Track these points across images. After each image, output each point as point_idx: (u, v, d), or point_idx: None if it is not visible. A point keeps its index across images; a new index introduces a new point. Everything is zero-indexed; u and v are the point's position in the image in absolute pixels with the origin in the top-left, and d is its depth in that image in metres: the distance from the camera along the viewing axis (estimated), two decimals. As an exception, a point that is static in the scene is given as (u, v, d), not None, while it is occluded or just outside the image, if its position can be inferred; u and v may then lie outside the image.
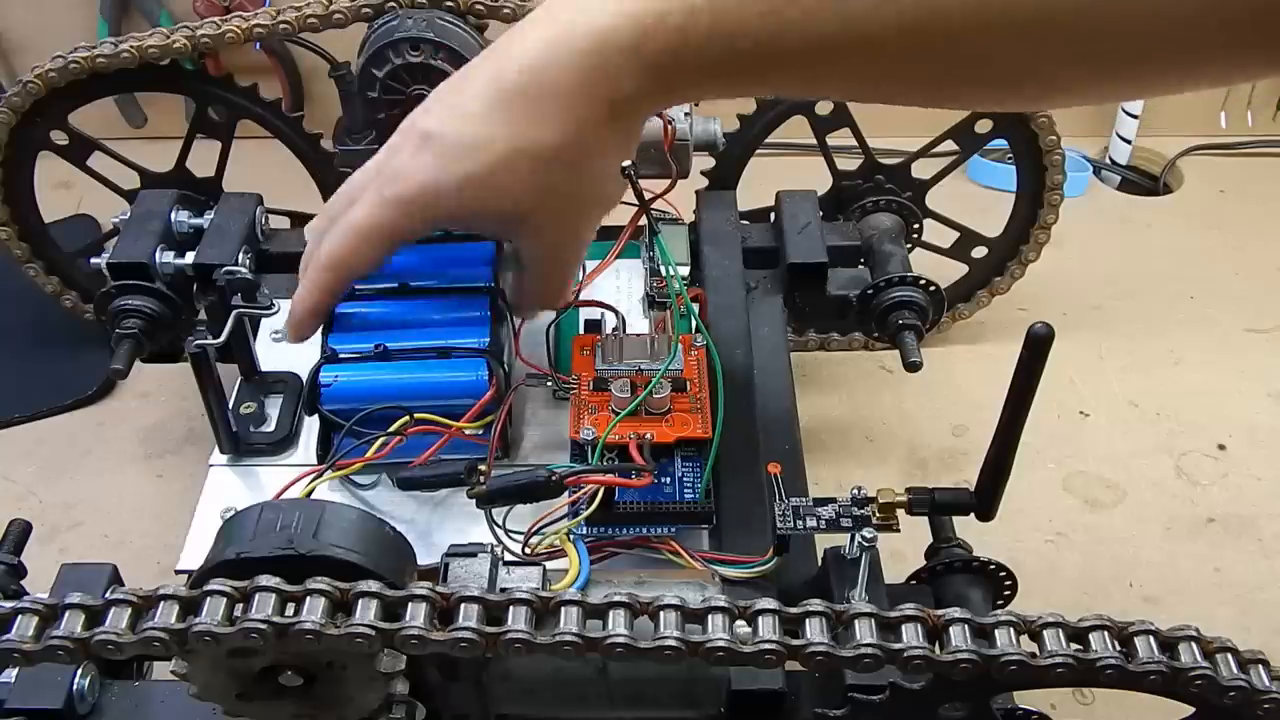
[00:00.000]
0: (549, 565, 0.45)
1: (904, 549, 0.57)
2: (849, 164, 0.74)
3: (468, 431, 0.53)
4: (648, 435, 0.52)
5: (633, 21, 0.41)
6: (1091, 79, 0.40)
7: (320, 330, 0.53)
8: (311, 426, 0.58)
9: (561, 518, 0.49)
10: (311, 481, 0.53)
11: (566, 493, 0.49)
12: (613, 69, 0.42)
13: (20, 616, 0.38)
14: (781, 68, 0.42)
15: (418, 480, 0.52)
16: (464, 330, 0.54)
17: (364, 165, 0.50)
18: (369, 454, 0.53)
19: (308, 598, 0.37)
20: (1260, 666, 0.39)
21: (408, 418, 0.52)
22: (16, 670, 0.46)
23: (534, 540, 0.48)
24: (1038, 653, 0.38)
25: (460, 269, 0.56)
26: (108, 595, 0.38)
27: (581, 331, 0.61)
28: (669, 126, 0.61)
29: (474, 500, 0.49)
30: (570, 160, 0.45)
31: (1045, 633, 0.39)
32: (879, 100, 0.45)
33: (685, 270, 0.63)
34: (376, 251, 0.48)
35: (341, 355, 0.54)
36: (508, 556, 0.47)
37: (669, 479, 0.53)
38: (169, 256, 0.64)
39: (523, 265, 0.53)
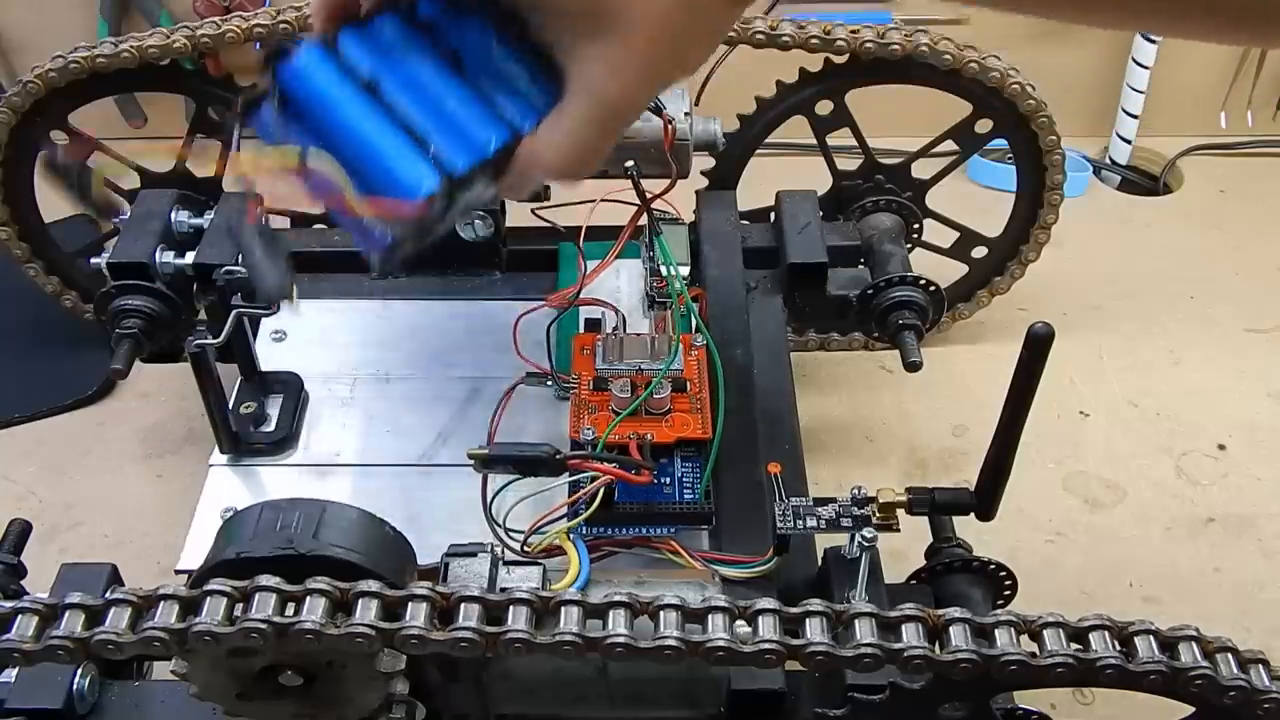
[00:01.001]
0: (549, 565, 0.45)
1: (904, 549, 0.57)
2: (849, 164, 0.74)
3: (360, 210, 0.44)
4: (648, 435, 0.52)
5: None
6: None
7: None
8: (312, 423, 0.57)
9: (561, 518, 0.49)
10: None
11: (566, 483, 0.49)
12: None
13: (20, 616, 0.38)
14: None
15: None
16: (457, 139, 0.44)
17: None
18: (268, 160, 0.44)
19: (308, 597, 0.37)
20: (1260, 666, 0.39)
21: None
22: (16, 670, 0.46)
23: (534, 540, 0.48)
24: (1038, 652, 0.38)
25: (514, 96, 0.44)
26: (108, 595, 0.38)
27: (581, 330, 0.61)
28: (669, 126, 0.61)
29: (474, 462, 0.48)
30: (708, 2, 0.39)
31: (1045, 632, 0.39)
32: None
33: (685, 270, 0.63)
34: None
35: (341, 50, 0.44)
36: (508, 556, 0.47)
37: (669, 479, 0.53)
38: (169, 256, 0.64)
39: (565, 96, 0.42)
